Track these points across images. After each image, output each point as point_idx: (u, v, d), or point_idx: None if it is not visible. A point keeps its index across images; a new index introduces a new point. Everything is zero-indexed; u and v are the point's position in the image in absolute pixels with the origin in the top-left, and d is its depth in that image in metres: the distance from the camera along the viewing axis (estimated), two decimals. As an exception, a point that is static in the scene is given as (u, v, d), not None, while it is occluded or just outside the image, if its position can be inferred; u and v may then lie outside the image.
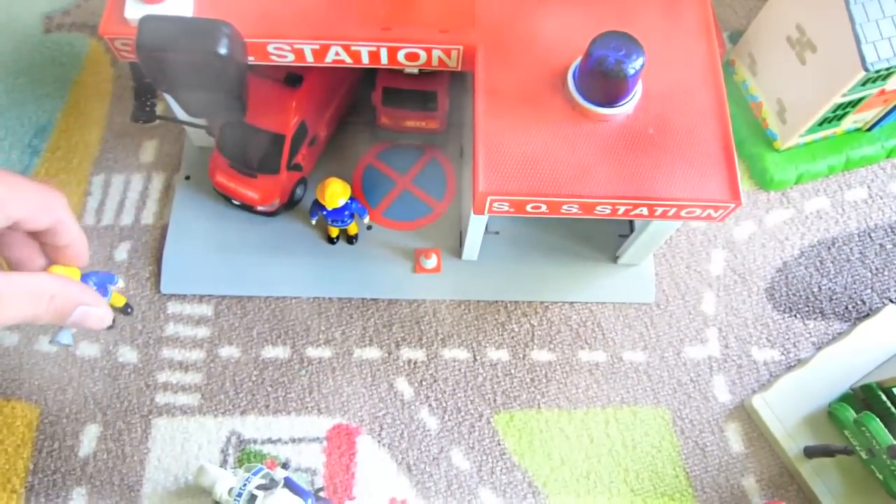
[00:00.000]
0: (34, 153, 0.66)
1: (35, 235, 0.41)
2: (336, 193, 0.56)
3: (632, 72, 0.45)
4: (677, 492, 0.57)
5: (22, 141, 0.66)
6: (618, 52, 0.44)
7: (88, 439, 0.56)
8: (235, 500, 0.47)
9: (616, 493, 0.57)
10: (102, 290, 0.50)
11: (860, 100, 0.60)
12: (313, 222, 0.60)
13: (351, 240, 0.62)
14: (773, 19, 0.63)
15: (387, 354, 0.60)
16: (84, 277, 0.50)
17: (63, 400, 0.57)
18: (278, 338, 0.60)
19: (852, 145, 0.67)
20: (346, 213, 0.58)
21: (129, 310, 0.55)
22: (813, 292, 0.63)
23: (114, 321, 0.54)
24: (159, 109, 0.63)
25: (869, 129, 0.67)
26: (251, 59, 0.50)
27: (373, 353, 0.60)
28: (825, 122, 0.62)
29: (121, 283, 0.53)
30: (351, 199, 0.57)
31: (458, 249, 0.62)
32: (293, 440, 0.57)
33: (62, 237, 0.42)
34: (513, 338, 0.61)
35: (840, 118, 0.63)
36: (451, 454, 0.57)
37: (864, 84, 0.57)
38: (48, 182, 0.65)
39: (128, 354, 0.59)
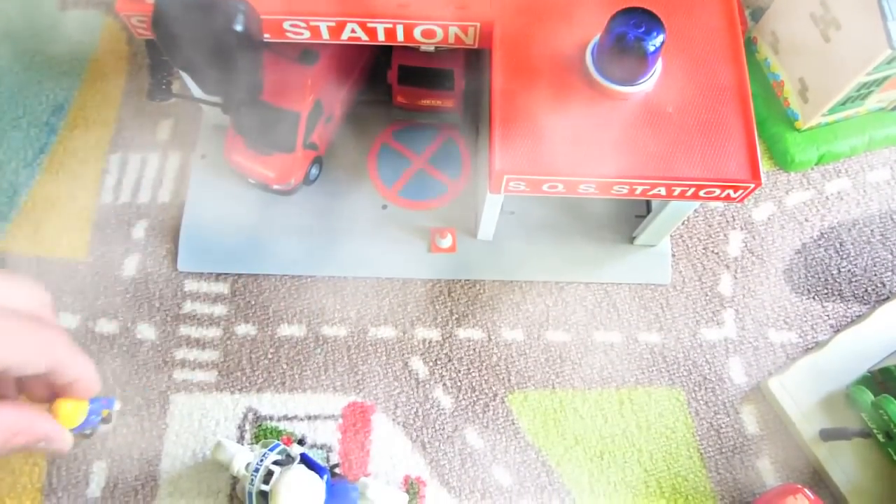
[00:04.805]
0: (52, 131, 0.66)
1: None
2: (70, 413, 0.43)
3: (652, 49, 0.44)
4: (691, 472, 0.57)
5: (40, 119, 0.67)
6: (638, 29, 0.44)
7: (108, 414, 0.57)
8: (252, 475, 0.48)
9: (630, 473, 0.57)
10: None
11: (885, 79, 0.58)
12: None
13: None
14: (796, -4, 0.61)
15: (402, 333, 0.60)
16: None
17: (83, 375, 0.58)
18: (294, 316, 0.60)
19: (876, 126, 0.65)
20: (93, 416, 0.45)
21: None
22: (832, 274, 0.63)
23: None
24: (175, 87, 0.63)
25: (893, 109, 0.65)
26: (267, 36, 0.50)
27: (388, 332, 0.60)
28: (848, 101, 0.61)
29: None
30: (91, 401, 0.45)
31: (473, 229, 0.62)
32: (309, 417, 0.57)
33: (64, 376, 0.39)
34: (527, 318, 0.61)
35: (864, 98, 0.61)
36: (466, 433, 0.57)
37: (889, 63, 0.55)
38: (68, 161, 0.65)
39: (146, 332, 0.60)
